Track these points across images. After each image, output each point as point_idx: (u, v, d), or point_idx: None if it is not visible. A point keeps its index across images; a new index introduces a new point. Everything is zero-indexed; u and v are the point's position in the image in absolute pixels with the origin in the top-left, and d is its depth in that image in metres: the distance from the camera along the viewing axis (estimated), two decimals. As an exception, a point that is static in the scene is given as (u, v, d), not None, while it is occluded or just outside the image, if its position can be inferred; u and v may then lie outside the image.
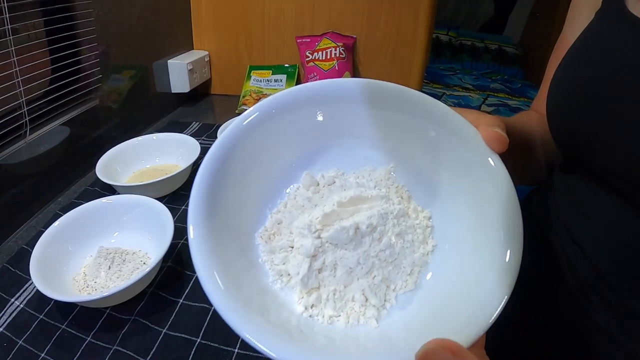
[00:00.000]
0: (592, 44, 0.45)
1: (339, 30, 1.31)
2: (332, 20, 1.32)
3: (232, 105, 1.33)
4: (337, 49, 1.25)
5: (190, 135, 0.97)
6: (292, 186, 0.38)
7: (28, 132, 0.81)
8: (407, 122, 0.36)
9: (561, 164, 0.52)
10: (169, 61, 1.27)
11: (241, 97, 1.32)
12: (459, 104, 3.07)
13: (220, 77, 1.47)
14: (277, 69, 1.34)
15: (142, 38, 1.16)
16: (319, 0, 1.30)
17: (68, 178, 0.93)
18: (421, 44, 1.32)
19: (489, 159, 0.32)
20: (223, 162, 0.34)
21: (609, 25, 0.44)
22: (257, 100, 1.26)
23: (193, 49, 1.44)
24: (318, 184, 0.38)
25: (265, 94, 1.28)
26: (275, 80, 1.32)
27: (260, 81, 1.32)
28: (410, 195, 0.38)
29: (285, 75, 1.33)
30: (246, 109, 0.95)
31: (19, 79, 0.76)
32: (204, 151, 0.91)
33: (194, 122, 1.19)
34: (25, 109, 0.79)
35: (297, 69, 1.35)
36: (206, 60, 1.41)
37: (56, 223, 0.63)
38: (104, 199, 0.68)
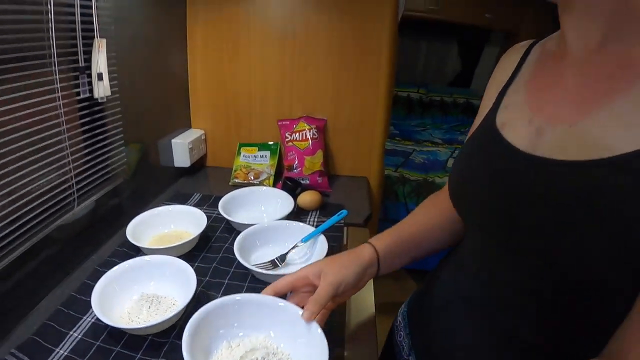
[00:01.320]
0: (470, 144, 0.73)
1: (313, 113, 1.65)
2: (307, 105, 1.66)
3: (225, 177, 1.64)
4: (311, 130, 1.57)
5: (194, 205, 1.28)
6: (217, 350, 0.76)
7: (76, 204, 1.10)
8: (274, 315, 0.77)
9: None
10: (172, 140, 1.57)
11: (233, 171, 1.62)
12: (427, 158, 3.38)
13: (214, 152, 1.79)
14: (262, 146, 1.65)
15: (152, 119, 1.47)
16: (297, 88, 1.65)
17: (97, 240, 1.20)
18: (380, 122, 1.66)
19: (313, 328, 0.72)
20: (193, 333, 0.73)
21: (482, 132, 0.71)
22: (247, 174, 1.57)
23: (191, 127, 1.75)
24: (231, 346, 0.77)
25: (254, 169, 1.59)
26: (261, 156, 1.63)
27: (249, 157, 1.63)
28: (277, 346, 0.77)
29: (269, 152, 1.64)
30: (238, 182, 1.29)
31: (71, 166, 1.05)
32: (207, 219, 1.19)
33: (195, 194, 1.48)
34: (75, 189, 1.08)
35: (278, 146, 1.67)
36: (202, 138, 1.72)
37: (108, 272, 0.92)
38: (146, 257, 0.97)
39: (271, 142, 1.67)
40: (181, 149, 1.58)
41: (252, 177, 1.57)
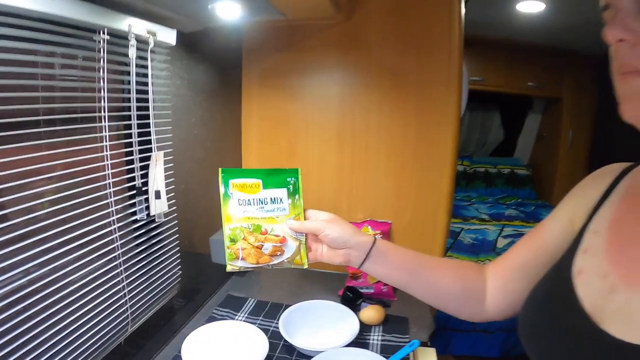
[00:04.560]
0: (543, 286, 0.71)
1: (373, 216, 1.63)
2: (367, 208, 1.66)
3: (277, 281, 1.61)
4: (377, 236, 1.53)
5: (249, 315, 1.33)
6: None
7: (130, 324, 1.10)
8: None
9: None
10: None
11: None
12: (476, 238, 3.34)
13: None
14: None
15: (204, 219, 1.50)
16: (355, 190, 1.65)
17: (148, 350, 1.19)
18: (442, 225, 1.63)
19: None
20: None
21: (555, 278, 0.69)
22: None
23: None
24: None
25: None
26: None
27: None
28: None
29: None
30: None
31: (126, 290, 1.07)
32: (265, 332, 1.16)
33: (249, 299, 1.44)
34: (130, 312, 1.08)
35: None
36: (255, 236, 1.71)
37: None
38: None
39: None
40: (234, 248, 1.57)
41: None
